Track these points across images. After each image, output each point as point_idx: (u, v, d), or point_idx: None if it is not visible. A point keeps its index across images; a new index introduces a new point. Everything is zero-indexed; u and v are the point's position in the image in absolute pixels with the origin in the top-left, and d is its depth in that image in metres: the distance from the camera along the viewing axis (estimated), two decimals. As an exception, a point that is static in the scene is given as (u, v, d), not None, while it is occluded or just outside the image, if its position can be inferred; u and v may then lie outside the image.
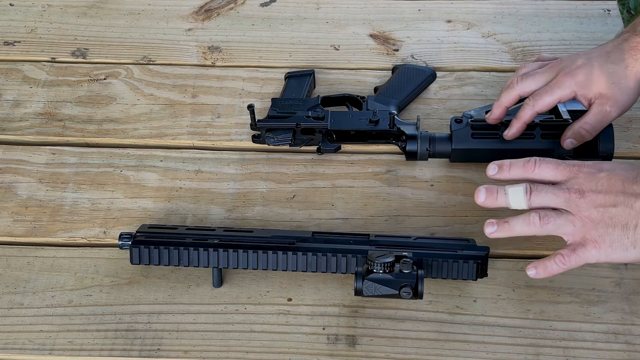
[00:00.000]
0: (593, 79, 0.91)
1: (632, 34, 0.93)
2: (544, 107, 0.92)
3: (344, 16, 1.27)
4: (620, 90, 0.90)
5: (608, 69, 0.91)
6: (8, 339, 0.85)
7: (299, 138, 1.04)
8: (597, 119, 0.92)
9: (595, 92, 0.91)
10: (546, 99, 0.92)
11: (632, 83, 0.90)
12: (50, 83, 1.16)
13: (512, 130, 0.94)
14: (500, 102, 0.95)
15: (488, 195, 0.81)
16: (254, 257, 0.87)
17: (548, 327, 0.85)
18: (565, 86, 0.91)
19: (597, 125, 0.92)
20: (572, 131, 0.94)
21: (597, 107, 0.91)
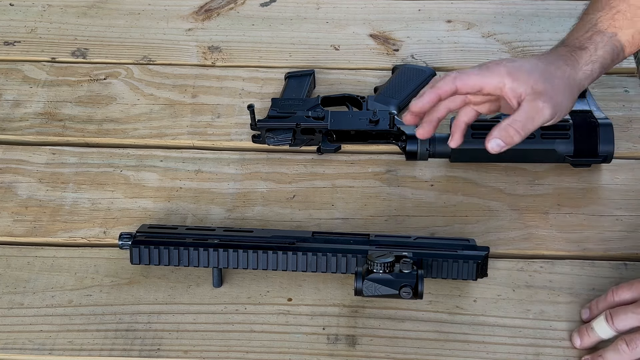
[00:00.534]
0: (525, 72, 0.83)
1: (561, 45, 0.90)
2: (467, 85, 0.83)
3: (344, 16, 1.27)
4: (553, 88, 0.83)
5: (541, 67, 0.85)
6: (8, 339, 0.85)
7: (299, 138, 1.04)
8: (529, 115, 0.83)
9: (527, 86, 0.83)
10: (472, 76, 0.84)
11: (564, 84, 0.85)
12: (50, 83, 1.16)
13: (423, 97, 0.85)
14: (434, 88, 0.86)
15: (582, 337, 0.82)
16: (254, 257, 0.87)
17: (548, 327, 0.85)
18: (495, 72, 0.83)
19: (528, 124, 0.83)
20: (498, 129, 0.83)
21: (528, 104, 0.83)
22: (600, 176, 1.00)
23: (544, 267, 0.90)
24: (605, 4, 0.89)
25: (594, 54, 0.88)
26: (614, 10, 0.88)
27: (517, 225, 0.95)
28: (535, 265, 0.91)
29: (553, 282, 0.89)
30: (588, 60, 0.87)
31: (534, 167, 1.01)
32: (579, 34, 0.89)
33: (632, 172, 1.01)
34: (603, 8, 0.89)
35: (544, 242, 0.93)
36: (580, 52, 0.88)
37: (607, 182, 1.00)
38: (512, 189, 0.99)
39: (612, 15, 0.88)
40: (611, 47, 0.88)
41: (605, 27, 0.88)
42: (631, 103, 1.09)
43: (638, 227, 0.94)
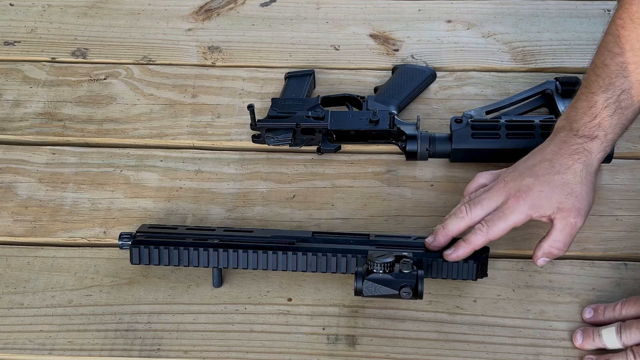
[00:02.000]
0: (546, 197, 0.85)
1: (569, 133, 0.88)
2: (498, 235, 0.85)
3: (344, 16, 1.27)
4: (577, 199, 0.85)
5: (557, 182, 0.85)
6: (8, 339, 0.85)
7: (299, 138, 1.04)
8: (565, 233, 0.86)
9: (553, 208, 0.85)
10: (500, 225, 0.85)
11: (585, 186, 0.86)
12: (51, 83, 1.16)
13: (459, 252, 0.85)
14: (446, 231, 0.86)
15: (585, 338, 0.83)
16: (254, 257, 0.87)
17: (548, 327, 0.85)
18: (519, 211, 0.85)
19: (567, 240, 0.86)
20: (542, 251, 0.87)
21: (561, 222, 0.85)
22: (600, 176, 1.00)
23: (544, 267, 0.90)
24: (609, 84, 0.87)
25: (605, 140, 0.87)
26: (618, 91, 0.86)
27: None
28: (535, 265, 0.91)
29: (553, 282, 0.89)
30: (600, 148, 0.87)
31: (534, 167, 1.01)
32: (587, 119, 0.87)
33: (632, 172, 1.01)
34: (607, 89, 0.87)
35: (544, 242, 0.93)
36: (592, 143, 0.87)
37: (607, 182, 1.00)
38: (512, 189, 0.99)
39: (618, 97, 0.86)
40: (620, 127, 0.88)
41: (612, 112, 0.86)
42: (631, 103, 1.09)
43: (638, 227, 0.94)
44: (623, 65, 0.85)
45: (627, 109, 0.87)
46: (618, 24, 0.86)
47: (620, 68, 0.86)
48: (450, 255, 0.86)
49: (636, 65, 0.85)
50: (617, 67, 0.86)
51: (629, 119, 0.88)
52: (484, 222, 0.86)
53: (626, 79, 0.86)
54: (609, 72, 0.86)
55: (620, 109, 0.86)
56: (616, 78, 0.86)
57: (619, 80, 0.86)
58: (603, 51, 0.88)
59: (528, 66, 1.16)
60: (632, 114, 0.88)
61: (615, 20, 0.86)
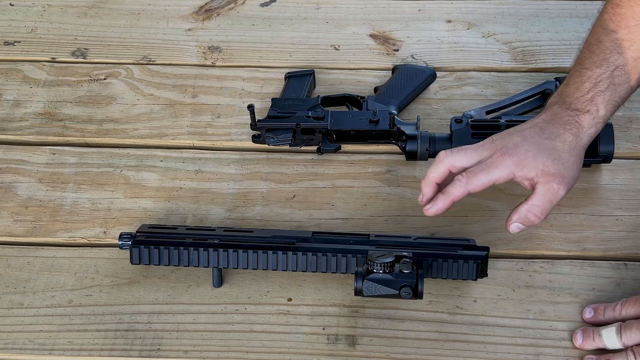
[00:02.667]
0: (532, 158, 0.83)
1: (562, 106, 0.87)
2: (478, 187, 0.83)
3: (344, 16, 1.27)
4: (564, 165, 0.83)
5: (546, 145, 0.84)
6: (8, 339, 0.85)
7: (299, 138, 1.04)
8: (546, 199, 0.83)
9: (538, 170, 0.83)
10: (481, 177, 0.83)
11: (572, 157, 0.84)
12: (50, 83, 1.16)
13: (438, 205, 0.84)
14: (428, 179, 0.85)
15: (585, 338, 0.82)
16: (254, 257, 0.87)
17: (548, 327, 0.85)
18: (503, 166, 0.83)
19: (547, 206, 0.84)
20: (518, 214, 0.85)
21: (543, 186, 0.83)
22: (600, 176, 1.00)
23: (544, 267, 0.90)
24: (602, 60, 0.86)
25: (597, 115, 0.86)
26: (612, 67, 0.86)
27: (517, 225, 0.95)
28: (535, 265, 0.91)
29: (553, 282, 0.89)
30: (591, 123, 0.86)
31: (534, 167, 1.01)
32: (579, 94, 0.87)
33: (632, 172, 1.01)
34: (601, 64, 0.86)
35: (544, 242, 0.93)
36: (583, 116, 0.86)
37: (607, 182, 1.00)
38: (512, 189, 0.99)
39: (611, 73, 0.86)
40: (613, 104, 0.87)
41: (605, 87, 0.86)
42: (631, 103, 1.09)
43: (638, 227, 0.94)
44: (617, 42, 0.85)
45: (620, 85, 0.86)
46: (614, 2, 0.86)
47: (614, 45, 0.85)
48: (429, 210, 0.84)
49: (631, 42, 0.85)
50: (611, 43, 0.85)
51: (621, 97, 0.87)
52: (464, 173, 0.83)
53: (620, 55, 0.85)
54: (603, 48, 0.86)
55: (614, 85, 0.86)
56: (610, 54, 0.86)
57: (613, 57, 0.86)
58: (598, 29, 0.88)
59: (528, 66, 1.16)
60: (625, 92, 0.87)
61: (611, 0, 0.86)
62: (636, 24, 0.85)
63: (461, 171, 0.84)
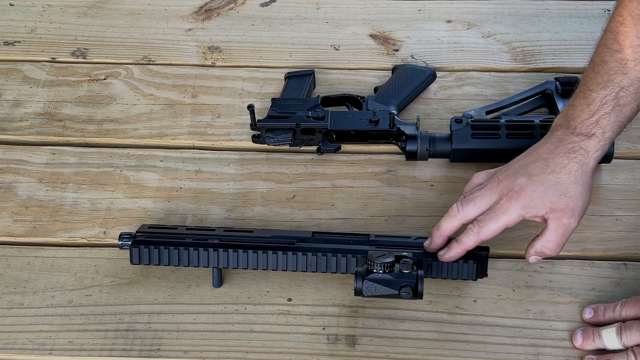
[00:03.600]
0: (539, 197, 0.84)
1: (566, 131, 0.87)
2: (489, 235, 0.84)
3: (344, 16, 1.27)
4: (571, 199, 0.84)
5: (551, 181, 0.84)
6: (8, 339, 0.85)
7: (299, 138, 1.04)
8: (559, 234, 0.84)
9: (546, 209, 0.84)
10: (491, 226, 0.84)
11: (580, 186, 0.84)
12: (50, 83, 1.16)
13: (451, 253, 0.85)
14: (441, 231, 0.86)
15: (585, 338, 0.83)
16: (254, 257, 0.87)
17: (548, 327, 0.85)
18: (510, 211, 0.84)
19: (561, 240, 0.85)
20: (534, 249, 0.86)
21: (554, 223, 0.84)
22: (600, 176, 1.00)
23: (544, 267, 0.90)
24: (607, 81, 0.85)
25: (602, 138, 0.86)
26: (617, 88, 0.85)
27: (517, 225, 0.94)
28: (535, 265, 0.91)
29: (553, 282, 0.89)
30: (597, 146, 0.85)
31: (534, 167, 1.01)
32: (584, 117, 0.86)
33: (631, 172, 1.01)
34: (606, 86, 0.85)
35: (544, 242, 0.93)
36: (589, 141, 0.85)
37: (607, 182, 1.00)
38: (512, 189, 0.99)
39: (617, 94, 0.85)
40: (619, 125, 0.86)
41: (611, 109, 0.85)
42: (631, 103, 1.09)
43: (638, 227, 0.94)
44: (622, 62, 0.84)
45: (625, 106, 0.85)
46: (617, 21, 0.85)
47: (619, 65, 0.84)
48: (443, 256, 0.86)
49: (636, 62, 0.84)
50: (616, 64, 0.85)
51: (627, 117, 0.87)
52: (475, 222, 0.85)
53: (625, 75, 0.84)
54: (607, 69, 0.85)
55: (619, 107, 0.85)
56: (615, 75, 0.85)
57: (618, 77, 0.85)
58: (602, 48, 0.87)
59: (528, 66, 1.16)
60: (630, 112, 0.87)
61: (615, 17, 0.85)
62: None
63: (472, 220, 0.85)
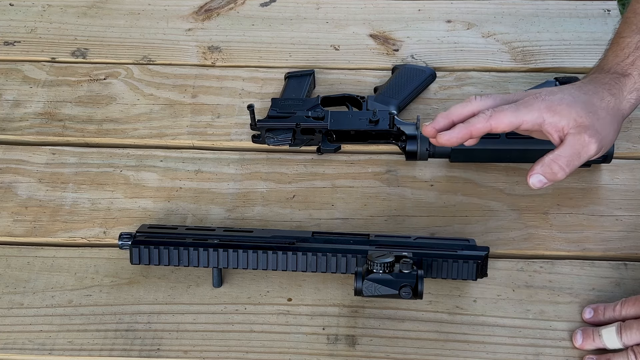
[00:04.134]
0: (567, 105, 0.77)
1: (600, 73, 0.85)
2: (502, 124, 0.77)
3: (344, 16, 1.27)
4: (599, 120, 0.78)
5: (582, 98, 0.79)
6: (8, 339, 0.85)
7: (299, 138, 1.04)
8: (575, 150, 0.77)
9: (570, 120, 0.77)
10: (508, 114, 0.76)
11: (610, 116, 0.79)
12: (50, 83, 1.16)
13: (453, 133, 0.77)
14: (448, 113, 0.79)
15: (585, 338, 0.82)
16: (254, 257, 0.87)
17: (548, 327, 0.85)
18: (533, 107, 0.77)
19: (574, 160, 0.77)
20: (541, 165, 0.78)
21: (574, 137, 0.77)
22: (600, 176, 1.00)
23: (544, 267, 0.90)
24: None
25: (638, 80, 0.83)
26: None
27: (517, 225, 0.95)
28: (535, 265, 0.91)
29: (553, 282, 0.89)
30: (632, 87, 0.83)
31: (534, 167, 1.01)
32: (619, 59, 0.84)
33: (631, 172, 1.01)
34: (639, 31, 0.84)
35: (544, 242, 0.93)
36: (624, 80, 0.83)
37: (606, 182, 1.00)
38: (512, 189, 0.99)
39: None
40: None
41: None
42: (631, 103, 1.09)
43: (638, 227, 0.94)
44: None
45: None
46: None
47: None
48: (443, 136, 0.77)
49: None
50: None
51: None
52: (491, 109, 0.77)
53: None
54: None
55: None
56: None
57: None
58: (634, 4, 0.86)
59: (528, 66, 1.16)
60: None
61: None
62: None
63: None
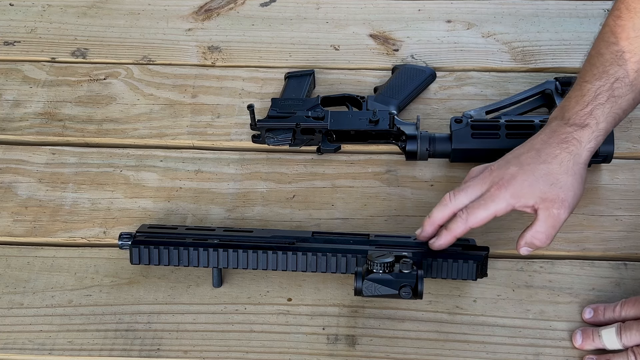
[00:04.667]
0: (529, 186, 0.83)
1: (560, 122, 0.87)
2: (478, 223, 0.84)
3: (344, 16, 1.27)
4: (562, 189, 0.83)
5: (542, 171, 0.84)
6: (8, 339, 0.85)
7: (299, 138, 1.04)
8: (548, 224, 0.84)
9: (536, 198, 0.83)
10: (480, 213, 0.84)
11: (571, 177, 0.84)
12: (50, 83, 1.16)
13: (440, 241, 0.85)
14: (432, 220, 0.86)
15: (585, 338, 0.83)
16: (254, 257, 0.87)
17: (548, 327, 0.85)
18: (499, 199, 0.83)
19: (550, 232, 0.84)
20: (524, 240, 0.86)
21: (544, 213, 0.83)
22: (600, 176, 1.00)
23: (544, 267, 0.90)
24: (602, 72, 0.85)
25: (596, 129, 0.85)
26: (612, 79, 0.85)
27: (517, 225, 0.94)
28: (535, 265, 0.91)
29: (553, 282, 0.89)
30: (591, 137, 0.85)
31: (534, 167, 1.01)
32: (578, 108, 0.86)
33: (631, 172, 1.01)
34: (601, 77, 0.85)
35: (544, 242, 0.93)
36: (582, 132, 0.85)
37: (606, 182, 1.00)
38: (512, 189, 0.99)
39: (611, 85, 0.85)
40: (613, 117, 0.86)
41: (605, 99, 0.85)
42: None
43: (638, 227, 0.94)
44: (618, 54, 0.84)
45: (620, 97, 0.85)
46: (615, 15, 0.85)
47: (615, 57, 0.85)
48: (433, 244, 0.86)
49: (631, 54, 0.84)
50: (612, 55, 0.85)
51: (622, 109, 0.86)
52: (464, 210, 0.85)
53: (620, 67, 0.84)
54: (603, 60, 0.85)
55: (614, 97, 0.85)
56: (610, 66, 0.85)
57: (613, 68, 0.85)
58: (599, 42, 0.87)
59: (528, 66, 1.16)
60: (626, 104, 0.86)
61: (612, 12, 0.86)
62: (636, 36, 0.84)
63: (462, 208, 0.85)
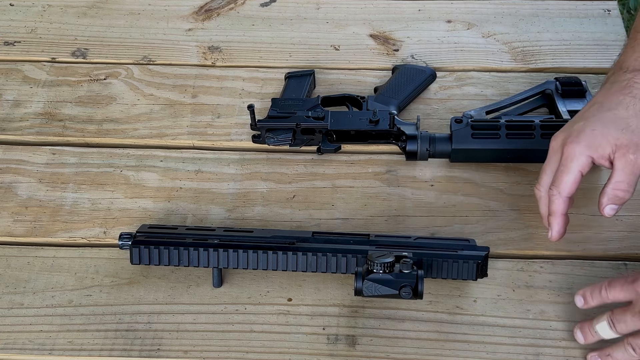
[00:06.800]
0: (600, 135, 0.82)
1: (618, 72, 0.87)
2: (568, 188, 0.83)
3: (344, 16, 1.27)
4: (634, 133, 0.81)
5: (609, 118, 0.82)
6: (8, 339, 0.85)
7: (299, 138, 1.04)
8: (627, 172, 0.82)
9: (611, 146, 0.81)
10: (566, 178, 0.83)
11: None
12: (50, 83, 1.16)
13: (555, 227, 0.86)
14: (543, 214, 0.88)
15: (585, 335, 0.82)
16: (254, 257, 0.87)
17: (548, 327, 0.85)
18: (576, 155, 0.82)
19: (631, 179, 0.82)
20: (606, 196, 0.83)
21: (620, 161, 0.81)
22: (600, 176, 1.00)
23: (544, 267, 0.90)
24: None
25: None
26: None
27: (517, 225, 0.95)
28: (535, 265, 0.91)
29: (553, 282, 0.89)
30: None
31: (534, 167, 1.00)
32: (637, 54, 0.85)
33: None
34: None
35: (544, 242, 0.93)
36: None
37: (607, 182, 0.99)
38: (512, 189, 0.99)
39: None
40: None
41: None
42: (631, 103, 1.09)
43: (638, 227, 0.94)
44: None
45: None
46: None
47: None
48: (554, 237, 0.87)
49: None
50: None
51: None
52: (552, 184, 0.84)
53: None
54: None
55: None
56: None
57: None
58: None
59: (528, 66, 1.16)
60: None
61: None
62: None
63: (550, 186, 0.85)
